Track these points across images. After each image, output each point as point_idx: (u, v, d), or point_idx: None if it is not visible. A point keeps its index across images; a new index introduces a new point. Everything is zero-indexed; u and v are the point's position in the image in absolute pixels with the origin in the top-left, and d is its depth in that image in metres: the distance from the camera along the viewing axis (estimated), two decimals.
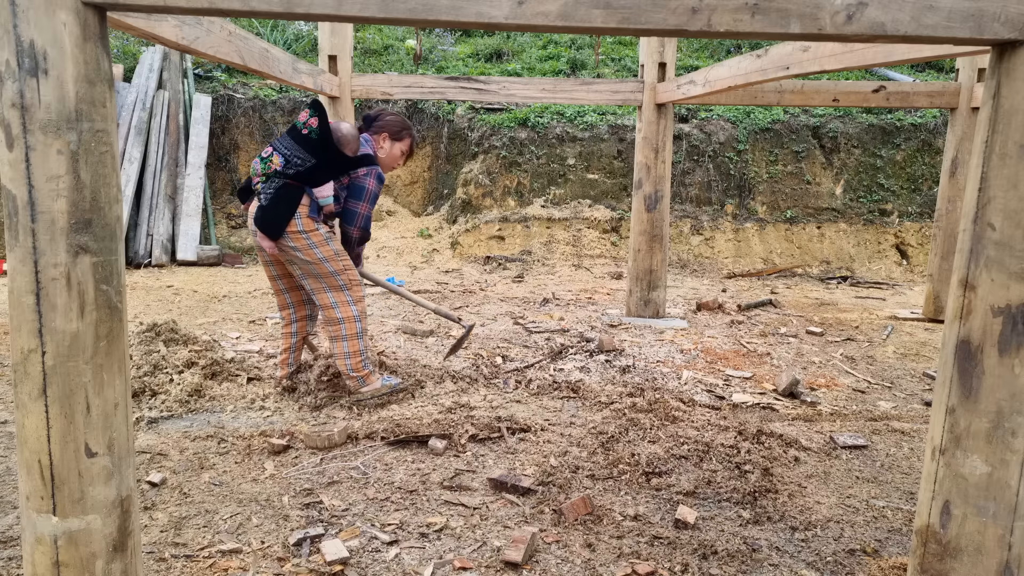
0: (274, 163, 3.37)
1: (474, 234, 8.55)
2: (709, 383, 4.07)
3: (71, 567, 1.53)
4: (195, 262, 7.93)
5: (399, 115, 3.82)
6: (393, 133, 3.72)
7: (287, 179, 3.35)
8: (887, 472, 3.00)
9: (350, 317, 3.50)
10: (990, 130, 1.54)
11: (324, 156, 3.38)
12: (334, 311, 3.49)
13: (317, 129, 3.37)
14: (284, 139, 3.43)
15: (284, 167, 3.35)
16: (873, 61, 2.84)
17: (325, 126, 3.39)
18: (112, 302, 1.52)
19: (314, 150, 3.36)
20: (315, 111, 3.41)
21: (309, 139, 3.37)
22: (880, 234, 8.62)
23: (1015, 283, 1.51)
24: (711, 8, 1.48)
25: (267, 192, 3.35)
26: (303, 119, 3.42)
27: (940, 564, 1.66)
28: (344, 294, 3.48)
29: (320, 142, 3.37)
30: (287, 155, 3.37)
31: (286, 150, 3.38)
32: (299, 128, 3.41)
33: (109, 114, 1.48)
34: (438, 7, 1.46)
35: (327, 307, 3.49)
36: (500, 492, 2.69)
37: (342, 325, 3.50)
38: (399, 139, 3.75)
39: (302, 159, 3.35)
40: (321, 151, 3.37)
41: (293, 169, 3.35)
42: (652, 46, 5.27)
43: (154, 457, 2.93)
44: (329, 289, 3.46)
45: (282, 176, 3.35)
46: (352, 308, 3.50)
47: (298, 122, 3.44)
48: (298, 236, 3.35)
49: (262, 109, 8.98)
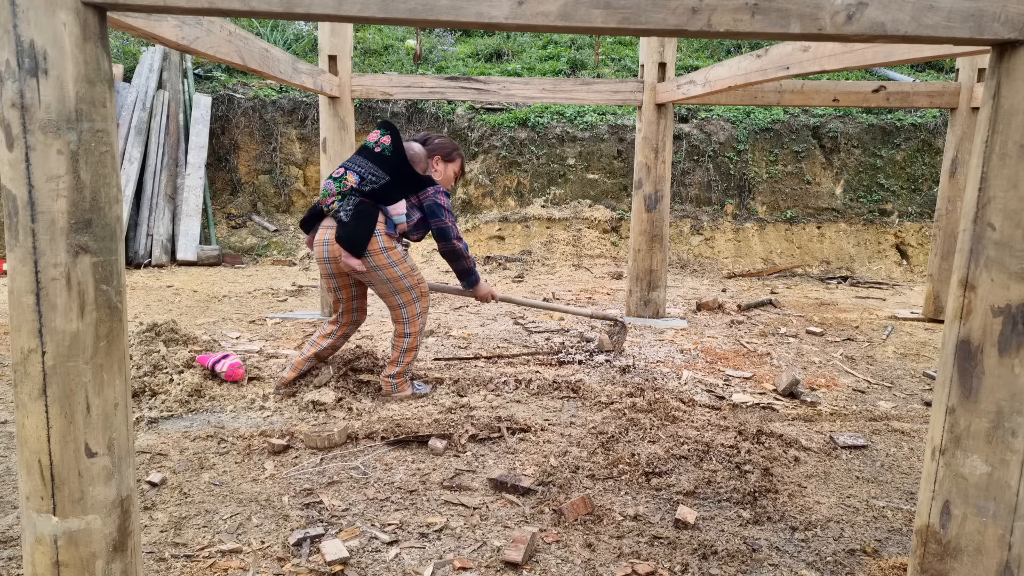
0: (349, 181, 3.41)
1: (474, 234, 8.55)
2: (709, 383, 4.07)
3: (71, 567, 1.53)
4: (195, 262, 7.93)
5: (446, 137, 3.94)
6: (445, 155, 3.81)
7: (363, 196, 3.40)
8: (887, 472, 3.00)
9: (416, 333, 3.64)
10: (990, 130, 1.54)
11: (398, 173, 3.45)
12: (405, 326, 3.62)
13: (391, 147, 3.44)
14: (356, 159, 3.50)
15: (360, 184, 3.40)
16: (873, 61, 2.84)
17: (399, 144, 3.46)
18: (112, 302, 1.52)
19: (389, 168, 3.43)
20: (387, 130, 3.48)
21: (383, 157, 3.44)
22: (880, 234, 8.62)
23: (1015, 283, 1.51)
24: (711, 8, 1.48)
25: (347, 209, 3.38)
26: (374, 139, 3.49)
27: (940, 564, 1.66)
28: (416, 307, 3.61)
29: (394, 159, 3.44)
30: (362, 173, 3.42)
31: (360, 168, 3.44)
32: (371, 147, 3.48)
33: (109, 114, 1.48)
34: (438, 7, 1.46)
35: (399, 321, 3.62)
36: (500, 492, 2.69)
37: (407, 338, 3.63)
38: (451, 160, 3.84)
39: (377, 177, 3.41)
40: (396, 168, 3.44)
41: (369, 186, 3.40)
42: (652, 46, 5.27)
43: (154, 457, 2.93)
44: (405, 304, 3.58)
45: (358, 193, 3.40)
46: (420, 322, 3.64)
47: (368, 142, 3.50)
48: (379, 254, 3.42)
49: (262, 109, 8.98)
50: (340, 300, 3.71)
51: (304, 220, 3.67)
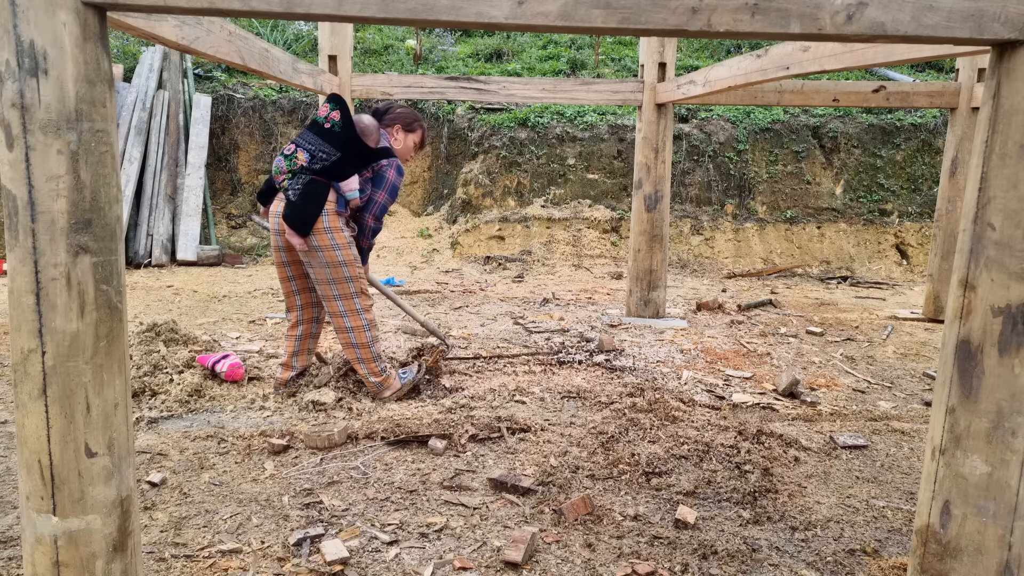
0: (299, 159, 3.33)
1: (474, 234, 8.55)
2: (709, 383, 4.07)
3: (71, 567, 1.53)
4: (195, 262, 7.93)
5: (408, 107, 3.82)
6: (406, 124, 3.72)
7: (314, 174, 3.32)
8: (887, 472, 3.00)
9: (359, 326, 3.50)
10: (990, 130, 1.53)
11: (349, 148, 3.35)
12: (343, 320, 3.49)
13: (340, 122, 3.35)
14: (306, 135, 3.40)
15: (310, 162, 3.32)
16: (873, 61, 2.84)
17: (348, 118, 3.37)
18: (112, 302, 1.52)
19: (339, 143, 3.34)
20: (336, 104, 3.38)
21: (333, 132, 3.35)
22: (880, 234, 8.62)
23: (1015, 283, 1.51)
24: (711, 8, 1.48)
25: (295, 188, 3.31)
26: (323, 113, 3.39)
27: (940, 564, 1.66)
28: (354, 301, 3.48)
29: (344, 135, 3.35)
30: (312, 150, 3.34)
31: (310, 145, 3.35)
32: (320, 122, 3.38)
33: (109, 114, 1.48)
34: (438, 7, 1.46)
35: (337, 315, 3.49)
36: (500, 492, 2.69)
37: (351, 334, 3.50)
38: (411, 130, 3.75)
39: (327, 153, 3.32)
40: (346, 144, 3.35)
41: (319, 164, 3.32)
42: (652, 46, 5.27)
43: (154, 457, 2.93)
44: (340, 297, 3.46)
45: (308, 171, 3.32)
46: (361, 316, 3.50)
47: (318, 117, 3.41)
48: (323, 234, 3.34)
49: (262, 109, 8.98)
50: (292, 278, 3.61)
51: (260, 192, 3.59)
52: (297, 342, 3.71)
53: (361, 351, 3.53)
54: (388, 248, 8.63)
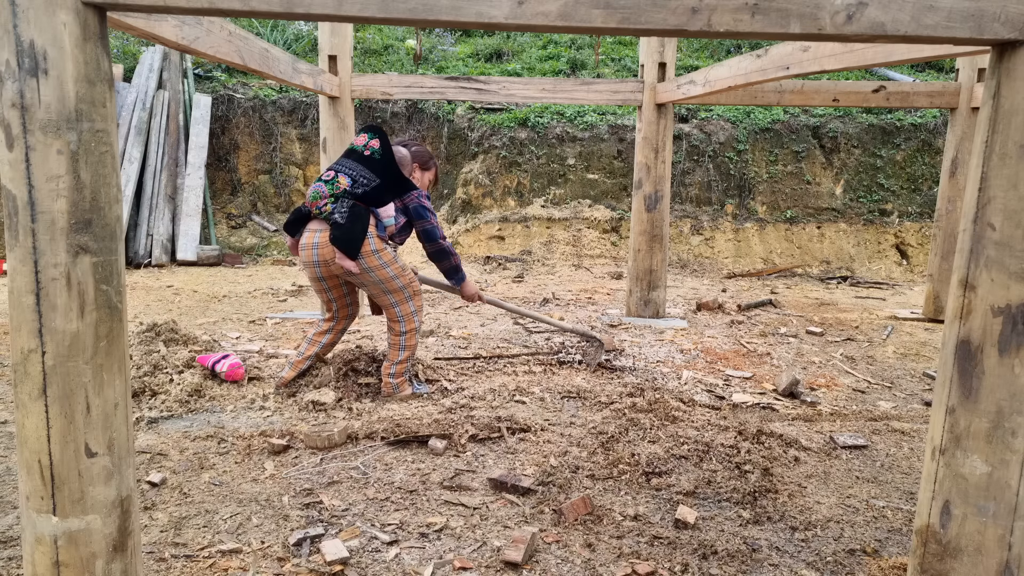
0: (341, 183, 3.42)
1: (474, 234, 8.55)
2: (709, 383, 4.07)
3: (71, 567, 1.53)
4: (195, 262, 7.93)
5: (421, 145, 3.98)
6: (422, 163, 3.89)
7: (356, 199, 3.42)
8: (887, 472, 3.00)
9: (412, 330, 3.66)
10: (990, 130, 1.54)
11: (388, 176, 3.48)
12: (400, 324, 3.64)
13: (380, 151, 3.48)
14: (345, 161, 3.52)
15: (352, 187, 3.41)
16: (873, 61, 2.84)
17: (388, 147, 3.50)
18: (112, 302, 1.52)
19: (379, 170, 3.46)
20: (375, 134, 3.52)
21: (373, 159, 3.47)
22: (880, 234, 8.62)
23: (1015, 283, 1.51)
24: (711, 8, 1.48)
25: (341, 212, 3.38)
26: (361, 143, 3.51)
27: (940, 564, 1.66)
28: (410, 305, 3.63)
29: (384, 163, 3.47)
30: (353, 175, 3.43)
31: (351, 171, 3.45)
32: (360, 151, 3.50)
33: (109, 114, 1.48)
34: (438, 7, 1.46)
35: (394, 319, 3.65)
36: (500, 492, 2.69)
37: (403, 337, 3.65)
38: (427, 168, 3.92)
39: (368, 179, 3.43)
40: (385, 171, 3.47)
41: (361, 189, 3.42)
42: (652, 46, 5.27)
43: (154, 457, 2.93)
44: (398, 303, 3.61)
45: (351, 196, 3.41)
46: (415, 320, 3.66)
47: (356, 145, 3.53)
48: (371, 257, 3.44)
49: (262, 109, 8.98)
50: (332, 300, 3.72)
51: (288, 223, 3.63)
52: (319, 347, 3.78)
53: (405, 353, 3.67)
54: None
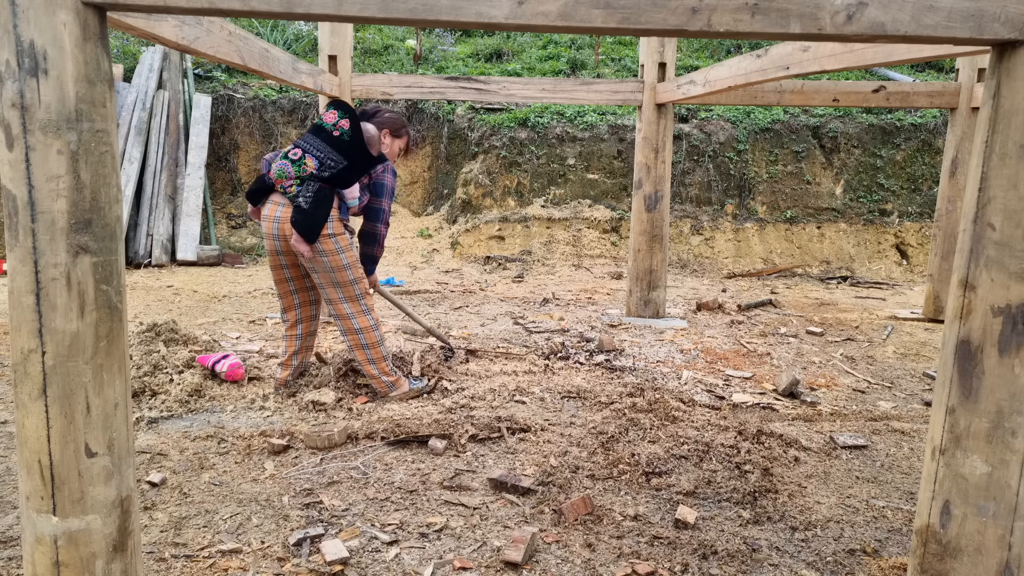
0: (308, 165, 3.35)
1: (474, 234, 8.55)
2: (709, 383, 4.07)
3: (71, 567, 1.53)
4: (195, 262, 7.93)
5: (395, 112, 3.85)
6: (393, 130, 3.75)
7: (322, 182, 3.36)
8: (887, 472, 3.00)
9: (368, 326, 3.53)
10: (990, 130, 1.53)
11: (356, 157, 3.40)
12: (351, 321, 3.51)
13: (349, 131, 3.40)
14: (313, 140, 3.42)
15: (319, 170, 3.35)
16: (873, 61, 2.84)
17: (358, 128, 3.42)
18: (112, 302, 1.52)
19: (347, 152, 3.38)
20: (345, 112, 3.43)
21: (342, 140, 3.39)
22: (880, 234, 8.62)
23: (1015, 283, 1.51)
24: (711, 8, 1.48)
25: (306, 196, 3.33)
26: (331, 120, 3.42)
27: (940, 564, 1.66)
28: (360, 303, 3.52)
29: (353, 144, 3.40)
30: (320, 157, 3.37)
31: (319, 152, 3.38)
32: (328, 129, 3.41)
33: (109, 114, 1.48)
34: (438, 7, 1.46)
35: (344, 316, 3.51)
36: (500, 492, 2.69)
37: (361, 335, 3.53)
38: (398, 136, 3.77)
39: (335, 161, 3.36)
40: (354, 152, 3.39)
41: (328, 172, 3.35)
42: (652, 46, 5.27)
43: (154, 457, 2.93)
44: (346, 299, 3.49)
45: (317, 179, 3.35)
46: (368, 317, 3.54)
47: (325, 123, 3.43)
48: (327, 240, 3.37)
49: (262, 109, 8.98)
50: (289, 279, 3.62)
51: (251, 192, 3.54)
52: (298, 340, 3.71)
53: (371, 351, 3.55)
54: (388, 248, 8.63)
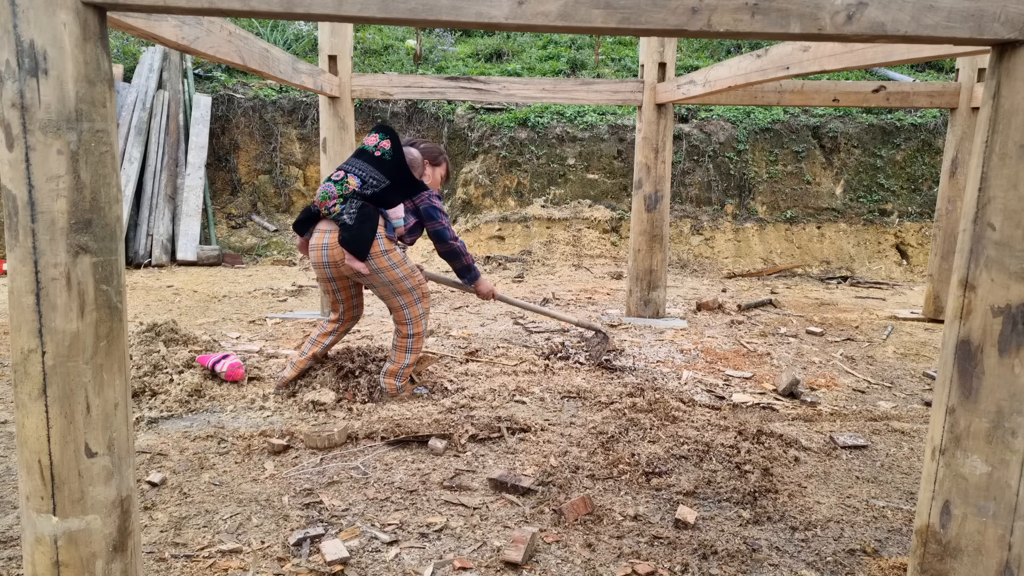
0: (350, 184, 3.41)
1: (474, 234, 8.55)
2: (709, 383, 4.07)
3: (71, 567, 1.53)
4: (195, 262, 7.93)
5: (431, 142, 3.98)
6: (432, 160, 3.88)
7: (364, 200, 3.41)
8: (887, 472, 3.00)
9: (420, 333, 3.64)
10: (990, 130, 1.54)
11: (398, 177, 3.47)
12: (407, 327, 3.62)
13: (391, 151, 3.47)
14: (355, 162, 3.51)
15: (361, 187, 3.41)
16: (873, 61, 2.84)
17: (399, 148, 3.49)
18: (112, 302, 1.52)
19: (389, 172, 3.45)
20: (386, 134, 3.50)
21: (383, 160, 3.46)
22: (880, 234, 8.62)
23: (1015, 283, 1.51)
24: (711, 8, 1.48)
25: (350, 212, 3.38)
26: (372, 143, 3.50)
27: (940, 564, 1.66)
28: (419, 307, 3.62)
29: (394, 164, 3.47)
30: (363, 176, 3.43)
31: (361, 171, 3.45)
32: (370, 151, 3.49)
33: (109, 114, 1.48)
34: (438, 7, 1.46)
35: (402, 322, 3.62)
36: (500, 492, 2.69)
37: (411, 339, 3.63)
38: (437, 164, 3.91)
39: (377, 180, 3.43)
40: (395, 172, 3.46)
41: (370, 190, 3.41)
42: (652, 46, 5.27)
43: (154, 457, 2.93)
44: (407, 305, 3.59)
45: (360, 196, 3.41)
46: (423, 323, 3.65)
47: (367, 146, 3.51)
48: (381, 258, 3.43)
49: (262, 109, 8.98)
50: (340, 300, 3.72)
51: (298, 222, 3.63)
52: (322, 348, 3.76)
53: (411, 355, 3.65)
54: None
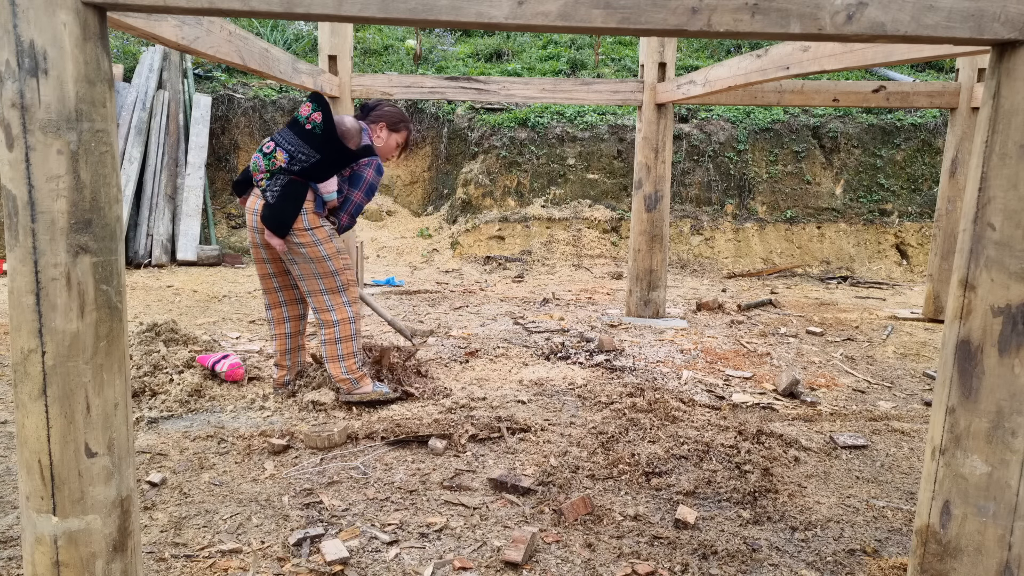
0: (278, 159, 3.31)
1: (474, 234, 8.55)
2: (709, 383, 4.07)
3: (71, 567, 1.53)
4: (195, 262, 7.92)
5: (398, 107, 3.76)
6: (391, 124, 3.67)
7: (292, 175, 3.30)
8: (887, 472, 3.00)
9: (345, 319, 3.47)
10: (990, 130, 1.53)
11: (329, 151, 3.33)
12: (330, 314, 3.46)
13: (321, 124, 3.32)
14: (286, 133, 3.37)
15: (289, 163, 3.30)
16: (873, 61, 2.84)
17: (330, 121, 3.34)
18: (112, 302, 1.52)
19: (319, 146, 3.31)
20: (318, 106, 3.35)
21: (313, 134, 3.31)
22: (880, 234, 8.62)
23: (1015, 283, 1.51)
24: (711, 8, 1.48)
25: (273, 190, 3.29)
26: (305, 113, 3.36)
27: (940, 564, 1.66)
28: (341, 296, 3.46)
29: (325, 137, 3.32)
30: (291, 151, 3.31)
31: (290, 146, 3.32)
32: (302, 123, 3.35)
33: (109, 114, 1.48)
34: (438, 7, 1.46)
35: (323, 309, 3.45)
36: (500, 492, 2.69)
37: (336, 328, 3.46)
38: (396, 130, 3.69)
39: (307, 155, 3.30)
40: (326, 146, 3.32)
41: (298, 165, 3.30)
42: (652, 46, 5.27)
43: (154, 457, 2.93)
44: (327, 291, 3.43)
45: (287, 173, 3.30)
46: (348, 310, 3.47)
47: (300, 116, 3.37)
48: (304, 233, 3.32)
49: (262, 109, 8.98)
50: (272, 275, 3.57)
51: (236, 183, 3.52)
52: (288, 340, 3.66)
53: (343, 345, 3.48)
54: (388, 248, 8.63)
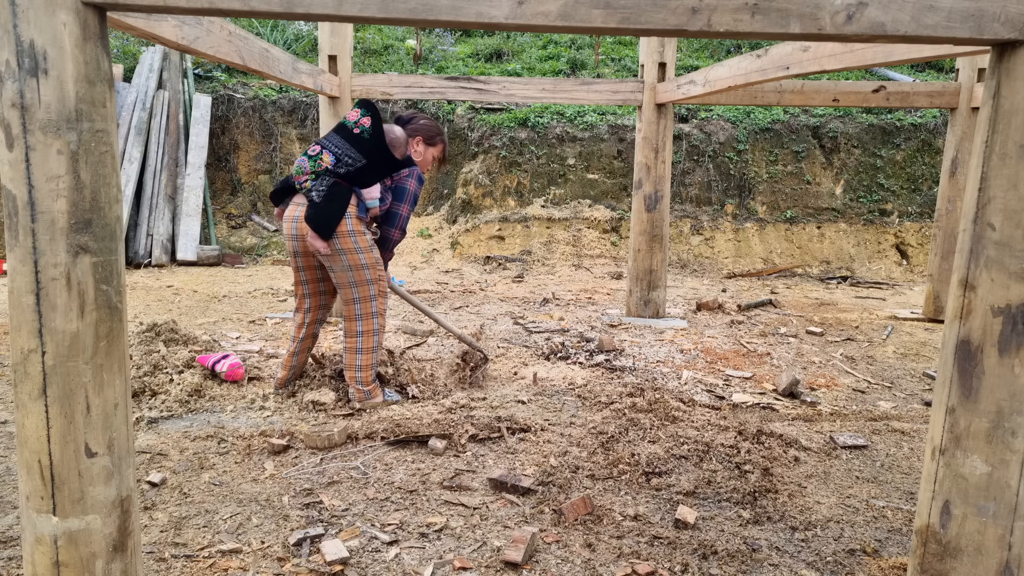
0: (324, 161, 3.31)
1: (474, 234, 8.55)
2: (709, 383, 4.07)
3: (71, 567, 1.53)
4: (195, 262, 7.93)
5: (432, 120, 3.81)
6: (427, 138, 3.73)
7: (337, 178, 3.31)
8: (887, 472, 3.00)
9: (370, 331, 3.49)
10: (990, 130, 1.53)
11: (376, 157, 3.35)
12: (356, 323, 3.47)
13: (370, 129, 3.34)
14: (333, 137, 3.39)
15: (335, 165, 3.31)
16: (873, 61, 2.84)
17: (379, 127, 3.37)
18: (112, 302, 1.52)
19: (367, 151, 3.33)
20: (367, 111, 3.38)
21: (361, 139, 3.34)
22: (880, 234, 8.62)
23: (1015, 283, 1.51)
24: (711, 8, 1.48)
25: (319, 190, 3.29)
26: (353, 118, 3.38)
27: (940, 564, 1.66)
28: (372, 304, 3.47)
29: (373, 142, 3.34)
30: (338, 154, 3.32)
31: (337, 148, 3.34)
32: (350, 127, 3.37)
33: (109, 114, 1.48)
34: (438, 7, 1.46)
35: (351, 317, 3.47)
36: (500, 492, 2.69)
37: (359, 339, 3.48)
38: (432, 144, 3.75)
39: (353, 159, 3.32)
40: (373, 152, 3.34)
41: (344, 168, 3.31)
42: (652, 46, 5.27)
43: (154, 457, 2.93)
44: (360, 300, 3.45)
45: (332, 175, 3.31)
46: (374, 321, 3.49)
47: (348, 121, 3.39)
48: (346, 238, 3.33)
49: (262, 109, 8.98)
50: (304, 283, 3.60)
51: (274, 192, 3.54)
52: (299, 343, 3.68)
53: (363, 357, 3.50)
54: None
